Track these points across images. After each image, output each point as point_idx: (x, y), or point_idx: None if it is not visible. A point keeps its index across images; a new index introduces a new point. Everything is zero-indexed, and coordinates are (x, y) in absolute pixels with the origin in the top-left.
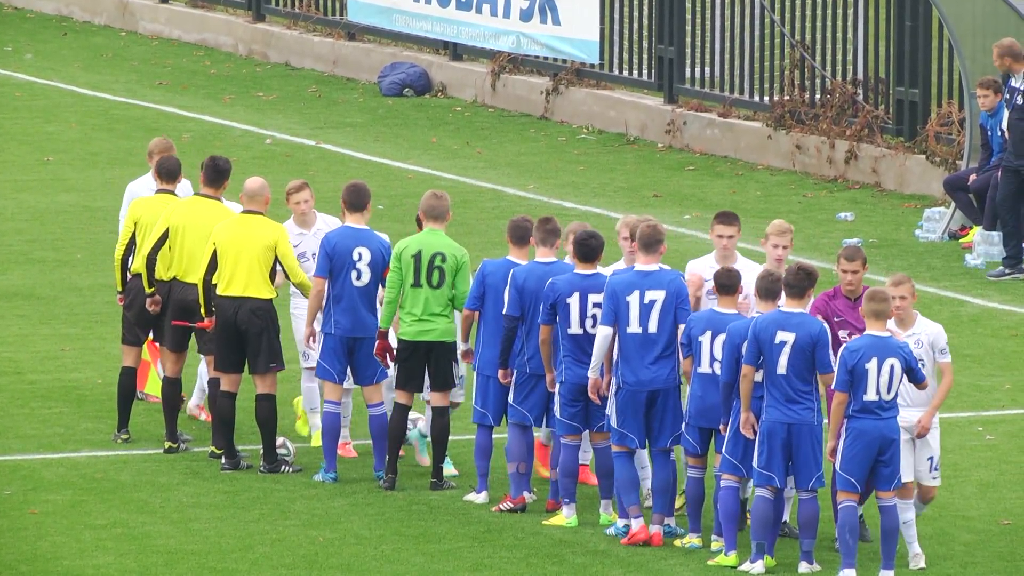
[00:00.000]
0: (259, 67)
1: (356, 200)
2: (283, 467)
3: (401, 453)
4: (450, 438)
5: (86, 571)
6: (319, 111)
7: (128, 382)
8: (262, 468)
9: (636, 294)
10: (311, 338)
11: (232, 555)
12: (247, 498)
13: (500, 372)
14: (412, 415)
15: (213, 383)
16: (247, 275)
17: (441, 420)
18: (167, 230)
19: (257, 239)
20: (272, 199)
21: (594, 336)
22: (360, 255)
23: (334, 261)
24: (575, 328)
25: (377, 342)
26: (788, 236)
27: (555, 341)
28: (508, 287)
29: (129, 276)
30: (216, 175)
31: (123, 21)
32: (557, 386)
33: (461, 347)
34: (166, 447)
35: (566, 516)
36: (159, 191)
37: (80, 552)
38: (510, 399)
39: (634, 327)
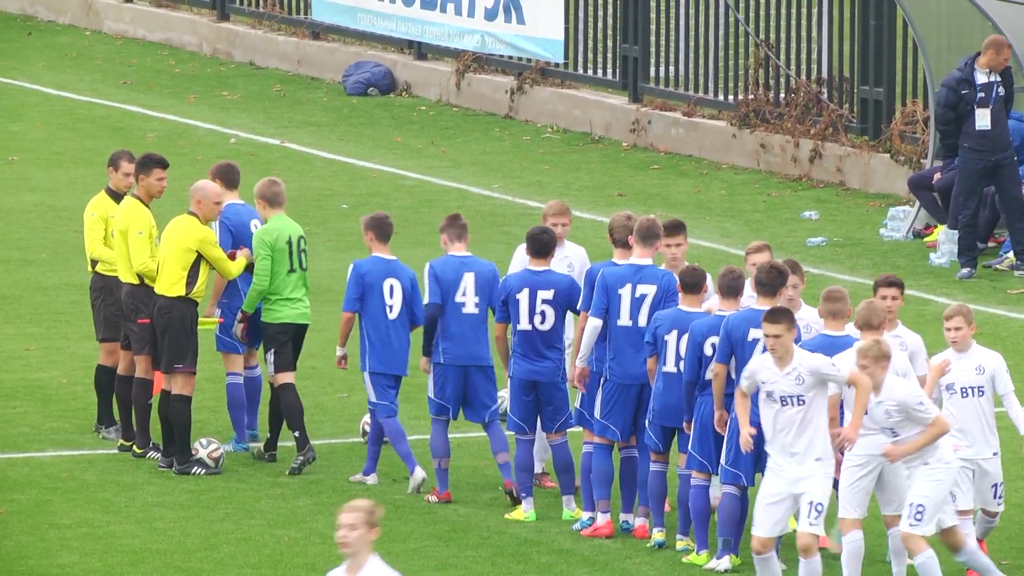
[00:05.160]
0: (223, 66)
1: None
2: (195, 468)
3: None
4: (415, 438)
5: (51, 571)
6: (283, 110)
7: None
8: (174, 469)
9: (628, 287)
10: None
11: (197, 554)
12: (212, 497)
13: (423, 360)
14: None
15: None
16: (161, 272)
17: (288, 395)
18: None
19: (174, 239)
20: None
21: (543, 332)
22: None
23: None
24: (524, 324)
25: (241, 325)
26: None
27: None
28: (427, 277)
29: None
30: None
31: (88, 20)
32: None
33: (339, 352)
34: (120, 444)
35: (525, 511)
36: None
37: (45, 551)
38: (429, 392)
39: (624, 320)
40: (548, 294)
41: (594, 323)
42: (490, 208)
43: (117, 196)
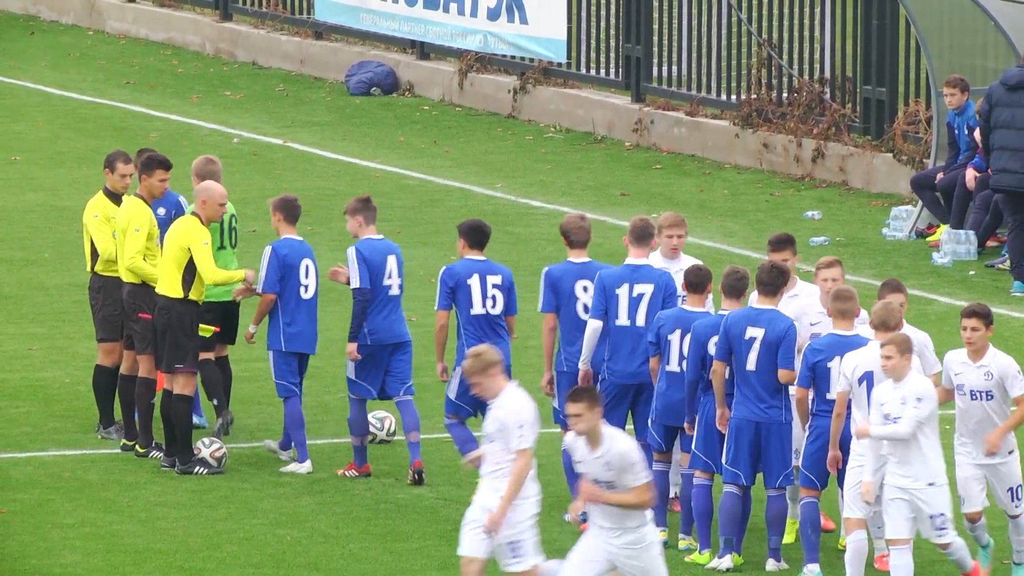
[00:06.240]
0: (226, 66)
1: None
2: (197, 468)
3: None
4: (423, 437)
5: (53, 570)
6: (286, 110)
7: (106, 380)
8: (177, 469)
9: (625, 287)
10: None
11: (199, 554)
12: (214, 497)
13: (350, 346)
14: (381, 414)
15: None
16: (161, 271)
17: (208, 369)
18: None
19: (173, 239)
20: None
21: (494, 316)
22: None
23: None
24: (477, 308)
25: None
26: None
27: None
28: (356, 261)
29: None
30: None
31: (90, 20)
32: (457, 371)
33: (251, 328)
34: (122, 444)
35: None
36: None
37: (47, 551)
38: (350, 374)
39: (623, 320)
40: (497, 279)
41: (595, 325)
42: (493, 208)
43: (115, 197)
